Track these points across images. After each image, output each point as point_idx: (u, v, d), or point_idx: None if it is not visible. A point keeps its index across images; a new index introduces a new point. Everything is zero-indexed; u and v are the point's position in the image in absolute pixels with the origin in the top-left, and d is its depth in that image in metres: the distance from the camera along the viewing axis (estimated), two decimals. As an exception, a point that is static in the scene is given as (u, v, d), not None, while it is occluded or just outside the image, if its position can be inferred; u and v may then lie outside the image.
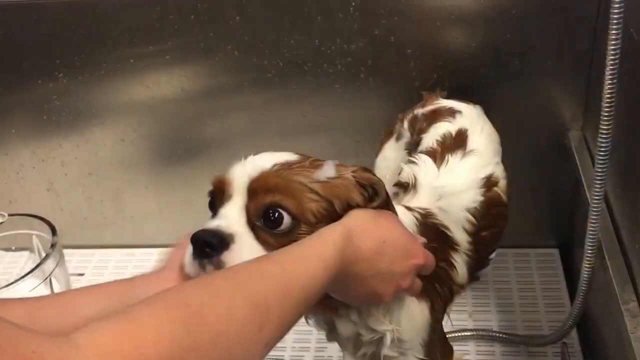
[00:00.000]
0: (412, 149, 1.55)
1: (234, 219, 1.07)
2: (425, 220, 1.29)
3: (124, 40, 1.89)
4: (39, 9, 1.86)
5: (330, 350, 1.83)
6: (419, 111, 1.62)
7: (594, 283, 1.53)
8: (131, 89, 1.96)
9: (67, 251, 1.81)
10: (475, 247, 1.37)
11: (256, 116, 1.96)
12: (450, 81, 1.84)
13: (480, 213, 1.38)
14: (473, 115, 1.55)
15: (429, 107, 1.61)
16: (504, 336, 1.81)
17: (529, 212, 1.99)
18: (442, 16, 1.79)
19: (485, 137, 1.48)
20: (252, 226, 1.07)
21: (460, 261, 1.34)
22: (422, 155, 1.43)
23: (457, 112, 1.54)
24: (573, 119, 1.87)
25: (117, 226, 2.19)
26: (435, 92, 1.69)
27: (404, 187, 1.38)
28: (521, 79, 1.84)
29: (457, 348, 1.77)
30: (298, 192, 1.07)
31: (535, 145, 1.92)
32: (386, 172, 1.61)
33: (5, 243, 1.89)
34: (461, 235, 1.35)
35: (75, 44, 1.90)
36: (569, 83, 1.83)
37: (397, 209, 1.24)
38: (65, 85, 1.95)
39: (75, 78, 1.94)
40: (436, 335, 1.33)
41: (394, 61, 1.86)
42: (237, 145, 1.93)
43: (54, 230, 1.77)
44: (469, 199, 1.38)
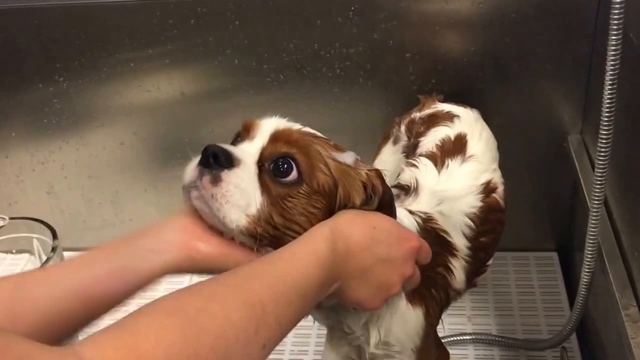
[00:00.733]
0: (409, 153, 1.56)
1: (248, 153, 1.09)
2: (426, 225, 1.29)
3: (124, 44, 1.89)
4: (39, 13, 1.86)
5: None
6: (417, 115, 1.62)
7: (593, 287, 1.53)
8: (131, 92, 1.96)
9: (66, 254, 1.80)
10: (474, 253, 1.37)
11: (255, 119, 1.95)
12: (448, 85, 1.84)
13: (480, 219, 1.39)
14: (471, 120, 1.55)
15: (427, 111, 1.61)
16: (503, 340, 1.80)
17: (528, 216, 1.99)
18: (441, 20, 1.79)
19: (483, 143, 1.49)
20: (261, 167, 1.08)
21: (458, 267, 1.34)
22: (422, 158, 1.44)
23: (455, 116, 1.55)
24: (572, 123, 1.87)
25: (116, 229, 2.19)
26: (432, 96, 1.69)
27: (405, 189, 1.38)
28: (520, 83, 1.84)
29: (456, 352, 1.77)
30: (314, 156, 1.08)
31: (534, 149, 1.92)
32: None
33: (5, 246, 1.89)
34: (461, 240, 1.35)
35: (76, 47, 1.90)
36: (568, 87, 1.83)
37: (399, 211, 1.24)
38: (65, 89, 1.95)
39: (76, 81, 1.94)
40: (431, 341, 1.33)
41: (392, 65, 1.86)
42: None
43: (54, 234, 1.77)
44: (468, 205, 1.38)
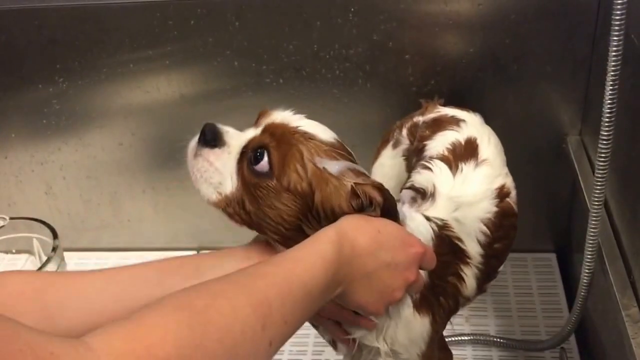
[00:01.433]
0: (411, 156, 1.55)
1: (241, 138, 1.15)
2: (441, 232, 1.29)
3: (124, 45, 1.89)
4: (39, 14, 1.86)
5: (328, 354, 1.83)
6: (420, 119, 1.59)
7: (592, 288, 1.53)
8: (130, 93, 1.96)
9: (64, 254, 1.81)
10: (487, 260, 1.36)
11: (254, 121, 1.96)
12: (448, 86, 1.85)
13: (494, 224, 1.37)
14: (477, 124, 1.53)
15: (430, 115, 1.58)
16: (502, 341, 1.81)
17: (526, 217, 1.97)
18: (441, 21, 1.79)
19: (493, 147, 1.47)
20: (244, 152, 1.13)
21: (470, 275, 1.33)
22: (437, 161, 1.42)
23: (461, 120, 1.52)
24: (571, 124, 1.87)
25: (114, 229, 2.19)
26: (434, 100, 1.67)
27: (421, 193, 1.37)
28: (520, 84, 1.85)
29: (455, 353, 1.77)
30: (292, 154, 1.10)
31: (533, 150, 1.93)
32: (383, 180, 1.59)
33: (5, 246, 1.90)
34: (474, 247, 1.34)
35: (76, 48, 1.90)
36: (567, 88, 1.83)
37: (416, 216, 1.25)
38: (65, 90, 1.95)
39: (75, 82, 1.94)
40: (435, 345, 1.32)
41: (392, 66, 1.86)
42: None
43: (55, 234, 1.78)
44: (484, 210, 1.37)
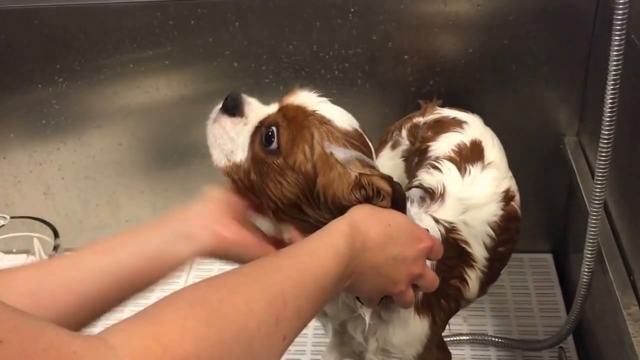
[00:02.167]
0: (411, 157, 1.54)
1: (260, 112, 1.17)
2: (448, 236, 1.29)
3: (124, 45, 1.89)
4: (40, 13, 1.86)
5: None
6: (420, 120, 1.59)
7: (591, 288, 1.54)
8: (130, 93, 1.96)
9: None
10: (491, 264, 1.37)
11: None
12: (447, 87, 1.86)
13: (500, 228, 1.38)
14: (479, 126, 1.54)
15: (431, 117, 1.58)
16: (501, 341, 1.82)
17: (523, 217, 1.99)
18: (440, 22, 1.80)
19: (497, 150, 1.48)
20: (259, 127, 1.14)
21: (474, 278, 1.34)
22: (446, 161, 1.42)
23: (463, 122, 1.53)
24: (569, 124, 1.88)
25: (112, 230, 2.17)
26: (432, 101, 1.67)
27: (430, 193, 1.37)
28: (518, 85, 1.86)
29: (453, 353, 1.77)
30: (301, 136, 1.10)
31: (530, 151, 1.94)
32: None
33: (5, 245, 1.89)
34: (480, 251, 1.35)
35: (76, 48, 1.90)
36: (565, 89, 1.85)
37: (425, 218, 1.26)
38: (64, 90, 1.95)
39: (75, 82, 1.94)
40: (433, 346, 1.33)
41: (391, 67, 1.87)
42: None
43: (56, 233, 1.78)
44: (491, 213, 1.38)
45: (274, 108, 1.17)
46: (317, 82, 1.88)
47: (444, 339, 1.74)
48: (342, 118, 1.15)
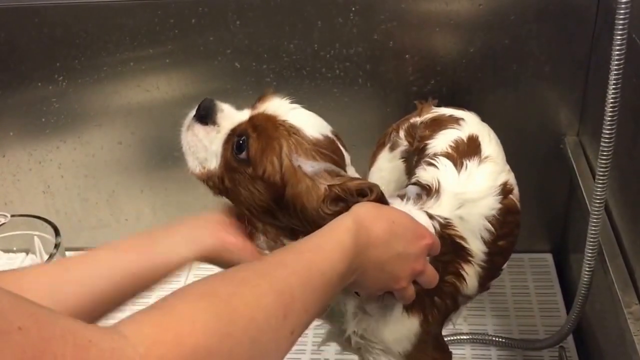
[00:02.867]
0: (411, 158, 1.53)
1: (233, 120, 1.19)
2: (443, 232, 1.28)
3: (124, 44, 1.89)
4: (40, 11, 1.86)
5: (327, 354, 1.83)
6: (417, 120, 1.58)
7: (592, 287, 1.54)
8: (130, 92, 1.96)
9: (64, 252, 1.82)
10: (491, 258, 1.35)
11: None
12: (447, 86, 1.86)
13: (499, 221, 1.36)
14: (476, 122, 1.53)
15: (428, 116, 1.57)
16: (501, 340, 1.82)
17: (523, 217, 1.97)
18: (441, 22, 1.80)
19: (495, 144, 1.47)
20: (231, 134, 1.16)
21: (471, 273, 1.33)
22: (442, 158, 1.41)
23: (460, 119, 1.51)
24: (569, 124, 1.88)
25: (112, 229, 2.19)
26: (428, 101, 1.66)
27: (426, 189, 1.36)
28: (519, 84, 1.86)
29: (454, 352, 1.78)
30: (270, 147, 1.12)
31: (530, 150, 1.94)
32: (381, 184, 1.57)
33: (6, 243, 1.90)
34: (478, 245, 1.33)
35: (76, 46, 1.90)
36: (566, 89, 1.84)
37: (418, 214, 1.25)
38: (64, 88, 1.95)
39: (75, 81, 1.94)
40: (426, 345, 1.32)
41: (392, 66, 1.87)
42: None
43: (57, 231, 1.78)
44: (488, 207, 1.36)
45: (245, 114, 1.19)
46: (318, 81, 1.89)
47: (445, 339, 1.74)
48: (312, 126, 1.16)
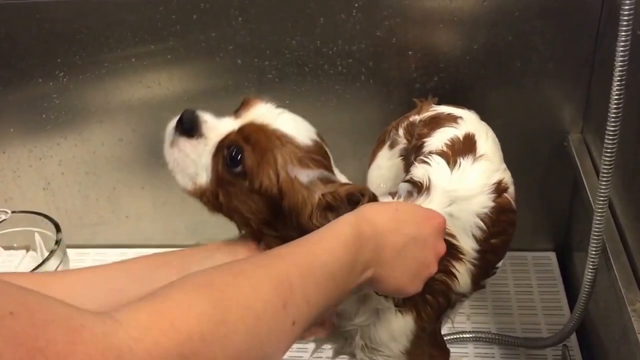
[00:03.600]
0: (409, 156, 1.53)
1: (219, 130, 1.15)
2: None
3: (126, 40, 1.88)
4: (41, 7, 1.86)
5: (328, 353, 1.82)
6: (416, 118, 1.58)
7: (595, 285, 1.53)
8: (131, 88, 1.96)
9: (64, 250, 1.81)
10: (483, 256, 1.35)
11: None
12: (451, 83, 1.85)
13: (491, 219, 1.35)
14: (474, 120, 1.52)
15: (427, 114, 1.57)
16: (504, 339, 1.81)
17: (526, 215, 1.98)
18: (445, 18, 1.79)
19: (491, 142, 1.46)
20: (220, 146, 1.13)
21: (463, 271, 1.32)
22: (435, 155, 1.40)
23: (459, 117, 1.51)
24: (573, 122, 1.87)
25: (113, 225, 2.19)
26: (428, 99, 1.66)
27: (418, 186, 1.35)
28: (522, 82, 1.85)
29: (456, 350, 1.78)
30: (266, 160, 1.11)
31: (534, 148, 1.93)
32: (380, 182, 1.58)
33: (7, 239, 1.90)
34: (469, 243, 1.32)
35: (77, 42, 1.89)
36: (570, 86, 1.84)
37: None
38: (65, 84, 1.95)
39: (76, 77, 1.93)
40: (424, 342, 1.32)
41: (395, 63, 1.86)
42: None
43: (58, 228, 1.78)
44: (480, 205, 1.35)
45: (230, 123, 1.16)
46: (320, 78, 1.89)
47: (447, 337, 1.74)
48: (301, 132, 1.15)
